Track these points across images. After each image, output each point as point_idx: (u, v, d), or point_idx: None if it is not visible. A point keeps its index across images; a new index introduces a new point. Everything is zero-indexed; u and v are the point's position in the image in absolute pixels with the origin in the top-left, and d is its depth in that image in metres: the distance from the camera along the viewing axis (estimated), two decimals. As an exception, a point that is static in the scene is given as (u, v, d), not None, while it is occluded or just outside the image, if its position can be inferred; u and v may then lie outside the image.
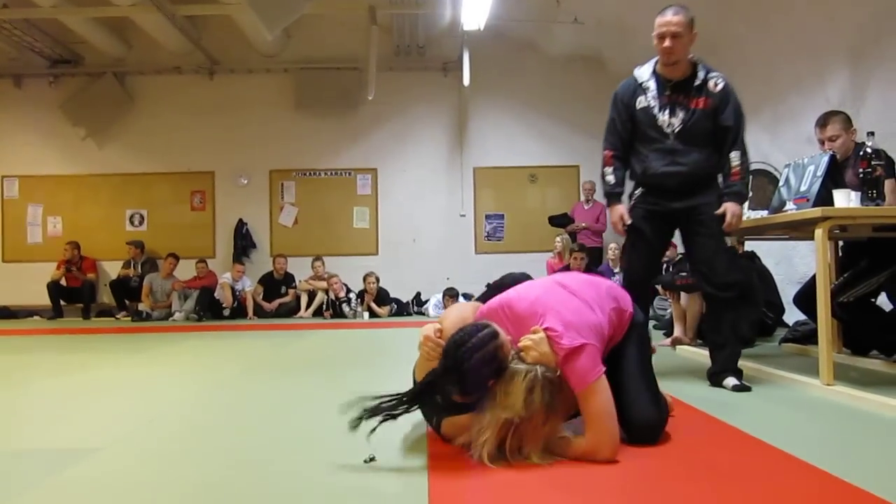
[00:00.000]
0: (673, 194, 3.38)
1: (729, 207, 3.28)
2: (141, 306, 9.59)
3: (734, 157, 3.31)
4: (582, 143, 10.52)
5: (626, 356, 2.32)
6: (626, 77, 3.60)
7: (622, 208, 3.52)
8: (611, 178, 3.52)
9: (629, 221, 3.47)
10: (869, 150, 3.30)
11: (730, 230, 3.36)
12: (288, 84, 10.63)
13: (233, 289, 9.51)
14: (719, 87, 3.37)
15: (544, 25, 9.60)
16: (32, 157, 10.64)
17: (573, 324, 2.12)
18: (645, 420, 2.22)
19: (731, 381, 3.28)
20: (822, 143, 4.17)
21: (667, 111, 3.34)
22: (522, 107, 10.66)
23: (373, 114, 10.53)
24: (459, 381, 2.02)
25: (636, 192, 3.54)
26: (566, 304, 2.21)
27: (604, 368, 2.10)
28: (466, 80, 9.79)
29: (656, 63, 3.45)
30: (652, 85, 3.41)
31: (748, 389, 3.23)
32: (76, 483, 1.98)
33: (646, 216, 3.47)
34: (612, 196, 3.54)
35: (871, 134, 3.35)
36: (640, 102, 3.41)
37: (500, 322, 2.20)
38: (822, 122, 4.16)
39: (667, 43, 3.31)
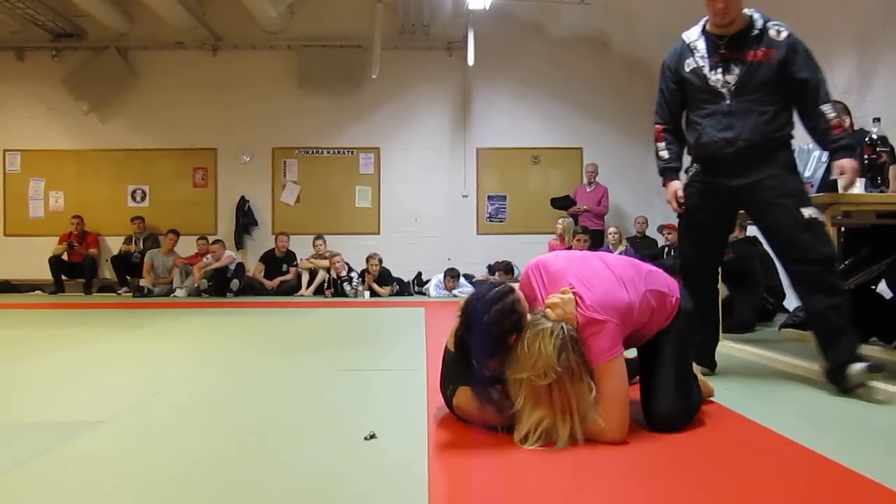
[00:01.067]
0: (730, 169, 2.94)
1: (846, 164, 2.83)
2: (142, 282, 9.60)
3: (827, 109, 2.85)
4: (585, 126, 10.51)
5: (664, 342, 2.29)
6: (630, 60, 3.53)
7: (677, 184, 3.15)
8: (664, 154, 3.18)
9: (681, 194, 3.10)
10: (874, 136, 3.29)
11: (849, 186, 2.95)
12: (291, 61, 10.57)
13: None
14: (783, 34, 2.94)
15: (550, 6, 9.53)
16: (34, 132, 10.61)
17: (599, 296, 2.11)
18: (663, 412, 2.21)
19: (857, 367, 2.73)
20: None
21: (719, 70, 2.98)
22: (526, 88, 10.61)
23: (376, 92, 10.48)
24: (482, 333, 2.02)
25: (691, 168, 3.14)
26: (598, 275, 2.21)
27: (622, 350, 2.10)
28: (471, 60, 9.74)
29: (706, 22, 3.15)
30: (701, 44, 3.10)
31: (881, 369, 2.78)
32: (77, 455, 1.99)
33: (701, 196, 3.07)
34: (667, 172, 3.20)
35: (878, 120, 3.33)
36: (689, 65, 3.11)
37: (532, 281, 2.26)
38: None
39: (720, 4, 2.98)
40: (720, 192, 3.01)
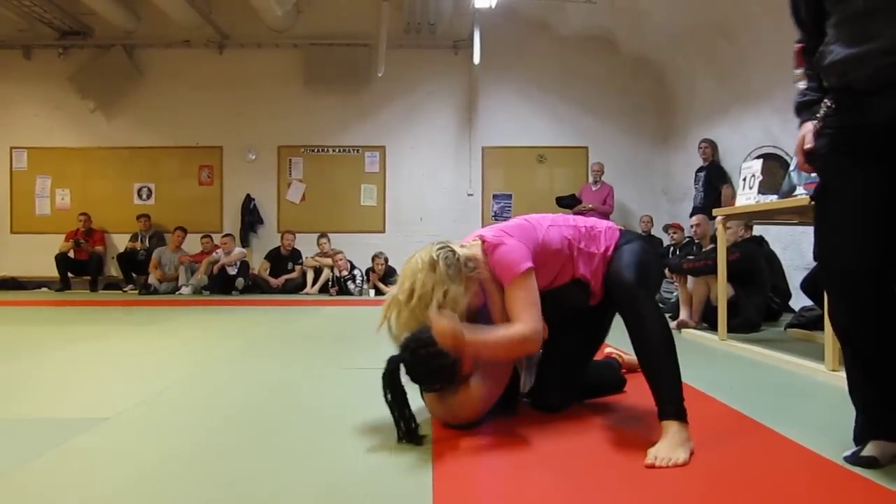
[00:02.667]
0: (870, 98, 1.79)
1: None
2: (150, 279, 9.62)
3: None
4: (591, 125, 10.50)
5: (579, 326, 2.44)
6: (636, 59, 3.45)
7: (808, 127, 2.02)
8: (801, 84, 2.20)
9: (809, 144, 1.97)
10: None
11: None
12: (297, 59, 10.58)
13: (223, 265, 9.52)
14: None
15: (556, 5, 9.52)
16: (41, 129, 10.66)
17: (500, 226, 2.27)
18: (545, 404, 2.42)
19: None
20: None
21: None
22: (532, 87, 10.61)
23: (382, 91, 10.49)
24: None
25: (822, 105, 1.97)
26: (509, 222, 2.35)
27: (530, 265, 2.12)
28: (477, 59, 9.74)
29: None
30: None
31: None
32: (83, 452, 2.00)
33: (842, 148, 1.87)
34: (801, 108, 2.15)
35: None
36: None
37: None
38: None
39: None
40: (868, 135, 1.82)
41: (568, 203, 9.61)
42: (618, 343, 3.11)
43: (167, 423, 2.36)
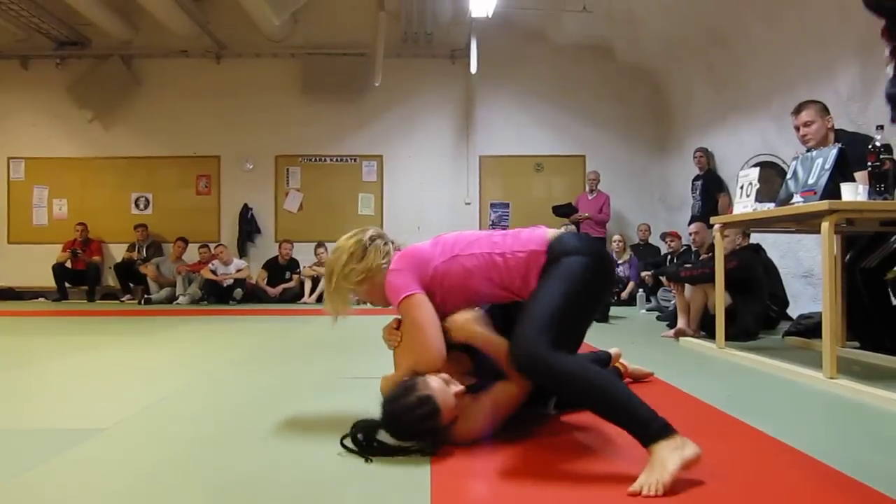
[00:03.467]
0: None
1: None
2: (151, 285, 9.59)
3: None
4: (588, 133, 10.53)
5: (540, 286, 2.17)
6: (633, 68, 3.45)
7: None
8: (890, 69, 1.74)
9: None
10: (878, 143, 3.28)
11: None
12: (295, 69, 10.60)
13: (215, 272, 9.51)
14: None
15: (553, 14, 9.56)
16: (39, 139, 10.66)
17: (402, 256, 2.30)
18: (513, 351, 2.00)
19: None
20: (797, 129, 4.25)
21: None
22: (529, 95, 10.63)
23: (379, 100, 10.51)
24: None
25: None
26: (418, 245, 2.35)
27: (413, 292, 2.19)
28: (474, 68, 9.76)
29: None
30: None
31: None
32: (80, 462, 1.99)
33: None
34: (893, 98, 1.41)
35: (881, 128, 3.32)
36: None
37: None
38: (797, 109, 4.29)
39: None
40: None
41: (564, 212, 9.62)
42: (622, 351, 3.10)
43: (164, 433, 2.35)
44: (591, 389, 1.88)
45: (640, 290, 8.31)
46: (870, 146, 3.29)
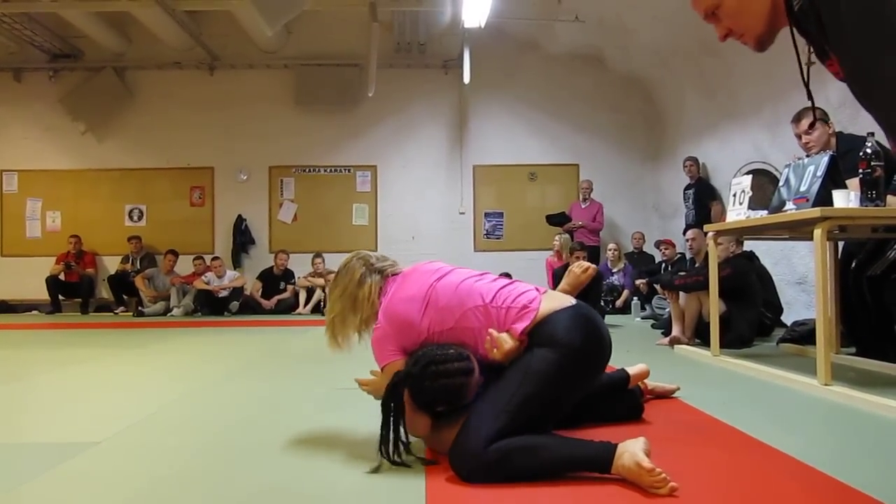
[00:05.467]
0: None
1: None
2: (145, 297, 9.56)
3: None
4: (581, 142, 10.56)
5: (502, 376, 2.05)
6: (625, 76, 3.45)
7: None
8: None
9: None
10: (869, 150, 3.30)
11: None
12: (288, 80, 10.62)
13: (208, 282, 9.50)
14: None
15: (545, 23, 9.60)
16: (32, 152, 10.64)
17: (388, 307, 2.22)
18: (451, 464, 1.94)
19: None
20: (798, 137, 4.24)
21: None
22: (522, 105, 10.66)
23: (373, 111, 10.53)
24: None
25: None
26: (413, 284, 2.24)
27: (393, 360, 2.15)
28: (467, 78, 9.78)
29: None
30: None
31: None
32: (73, 477, 1.98)
33: None
34: None
35: (871, 134, 3.34)
36: None
37: None
38: (797, 117, 4.27)
39: None
40: None
41: (558, 221, 9.64)
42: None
43: (158, 446, 2.34)
44: (534, 464, 1.86)
45: (635, 298, 8.32)
46: (861, 153, 3.31)
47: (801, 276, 6.52)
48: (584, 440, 1.94)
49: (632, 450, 1.82)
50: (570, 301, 2.15)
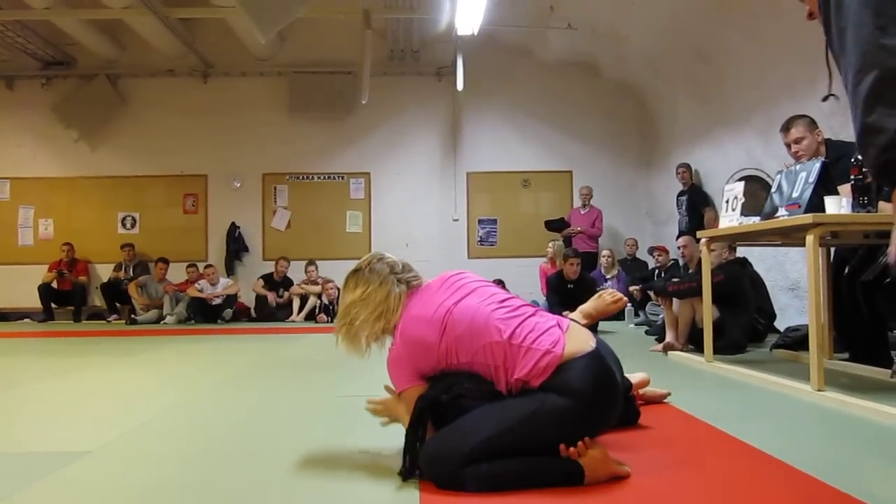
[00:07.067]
0: None
1: None
2: (137, 305, 9.53)
3: None
4: (575, 149, 10.58)
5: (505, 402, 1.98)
6: (618, 83, 3.44)
7: None
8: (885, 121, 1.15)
9: None
10: (860, 157, 3.31)
11: None
12: (282, 87, 10.62)
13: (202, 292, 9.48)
14: None
15: (538, 31, 9.64)
16: (24, 159, 10.61)
17: (404, 328, 2.09)
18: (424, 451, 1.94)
19: None
20: (788, 146, 4.24)
21: None
22: (516, 112, 10.69)
23: (366, 118, 10.54)
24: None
25: None
26: (430, 305, 2.10)
27: (410, 385, 2.05)
28: (460, 85, 9.80)
29: None
30: None
31: None
32: (66, 485, 1.97)
33: None
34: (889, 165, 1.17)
35: (863, 141, 3.36)
36: None
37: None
38: (786, 126, 4.26)
39: None
40: None
41: (557, 226, 9.66)
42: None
43: (150, 455, 2.33)
44: (505, 480, 1.85)
45: (629, 304, 8.33)
46: (852, 160, 3.33)
47: (793, 282, 6.54)
48: (550, 458, 1.90)
49: (598, 456, 1.90)
50: (591, 343, 1.99)
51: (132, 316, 9.38)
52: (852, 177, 3.31)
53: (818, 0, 1.42)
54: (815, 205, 3.31)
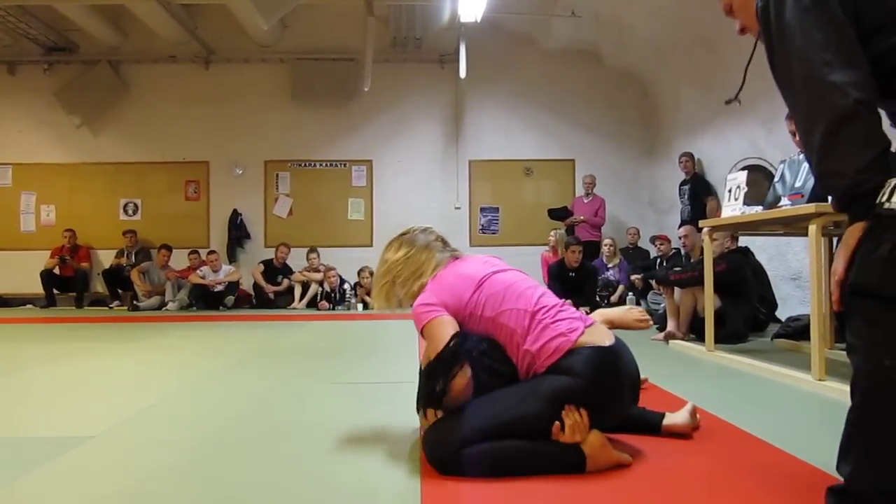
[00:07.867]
0: None
1: None
2: (139, 291, 9.55)
3: None
4: (578, 137, 10.55)
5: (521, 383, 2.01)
6: (621, 72, 3.42)
7: (857, 232, 1.22)
8: (859, 158, 1.19)
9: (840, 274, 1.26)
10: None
11: None
12: (284, 74, 10.59)
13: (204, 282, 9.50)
14: None
15: (542, 19, 9.60)
16: (26, 145, 10.60)
17: (439, 277, 2.19)
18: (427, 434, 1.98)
19: None
20: (793, 134, 4.23)
21: None
22: (518, 100, 10.65)
23: (369, 105, 10.52)
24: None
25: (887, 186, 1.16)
26: (470, 266, 2.22)
27: (438, 314, 2.02)
28: (463, 73, 9.77)
29: None
30: None
31: None
32: (68, 471, 1.98)
33: None
34: (858, 200, 1.21)
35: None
36: None
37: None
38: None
39: None
40: None
41: (560, 215, 9.65)
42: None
43: (152, 440, 2.34)
44: (505, 463, 1.86)
45: (630, 293, 8.33)
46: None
47: (795, 272, 6.54)
48: (549, 441, 1.91)
49: (595, 444, 1.90)
50: (608, 341, 1.99)
51: (134, 302, 9.40)
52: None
53: (758, 19, 1.40)
54: (818, 194, 3.31)
